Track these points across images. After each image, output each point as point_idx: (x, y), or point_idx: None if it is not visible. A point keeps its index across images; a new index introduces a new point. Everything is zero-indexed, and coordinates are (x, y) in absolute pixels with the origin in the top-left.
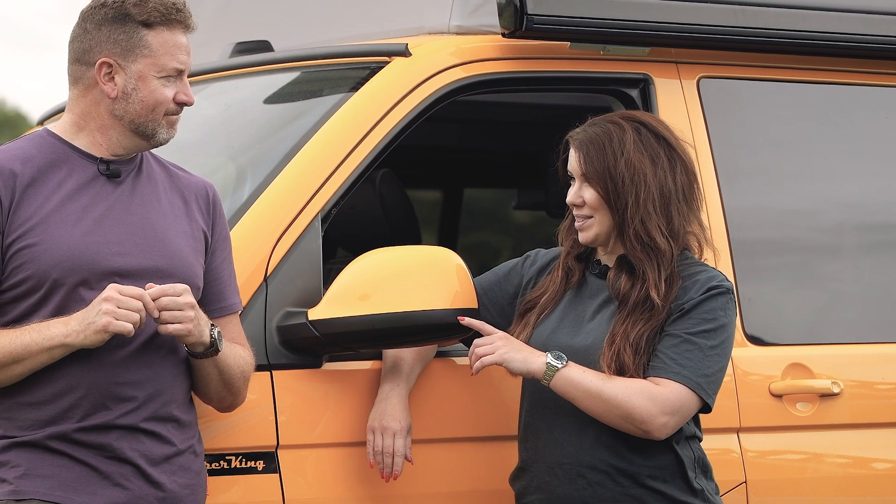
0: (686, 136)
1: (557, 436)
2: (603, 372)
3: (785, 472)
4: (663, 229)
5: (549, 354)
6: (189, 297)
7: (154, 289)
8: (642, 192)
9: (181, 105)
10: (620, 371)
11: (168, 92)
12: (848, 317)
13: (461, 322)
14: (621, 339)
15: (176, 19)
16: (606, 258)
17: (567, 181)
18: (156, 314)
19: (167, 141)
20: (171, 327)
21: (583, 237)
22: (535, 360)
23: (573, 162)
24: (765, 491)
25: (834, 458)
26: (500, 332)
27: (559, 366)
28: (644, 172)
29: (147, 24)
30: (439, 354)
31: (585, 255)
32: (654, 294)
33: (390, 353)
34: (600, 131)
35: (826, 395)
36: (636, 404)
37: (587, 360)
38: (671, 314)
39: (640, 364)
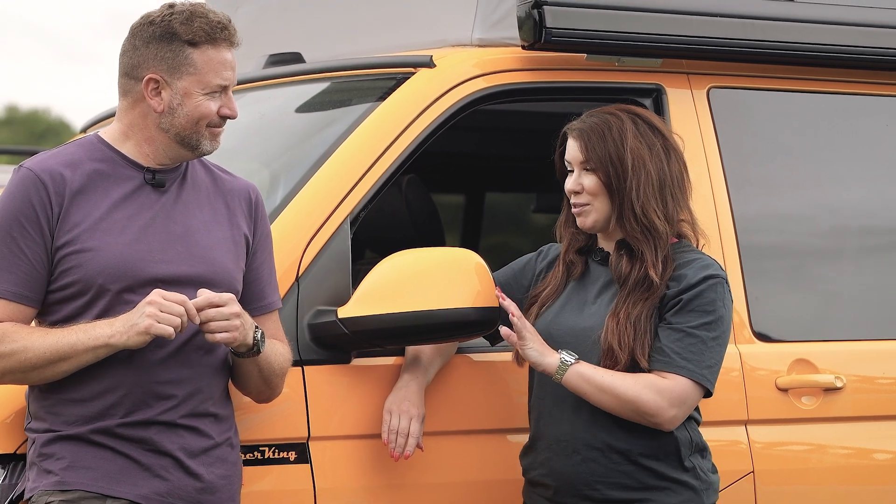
0: (697, 144)
1: (557, 414)
2: (602, 348)
3: (791, 462)
4: (660, 213)
5: (562, 352)
6: (235, 307)
7: (200, 298)
8: (642, 177)
9: (225, 118)
10: (620, 346)
11: (212, 106)
12: (850, 315)
13: (499, 298)
14: (624, 319)
15: (221, 38)
16: (606, 245)
17: (564, 172)
18: (197, 320)
19: (211, 152)
20: (217, 336)
21: (581, 222)
22: (550, 356)
23: (572, 151)
24: (771, 480)
25: (837, 450)
26: (529, 325)
27: (571, 361)
28: (643, 159)
29: (192, 43)
30: (458, 351)
31: (586, 249)
32: (652, 273)
33: (412, 348)
34: (599, 121)
35: (829, 390)
36: (646, 399)
37: (590, 339)
38: (669, 300)
39: (640, 341)
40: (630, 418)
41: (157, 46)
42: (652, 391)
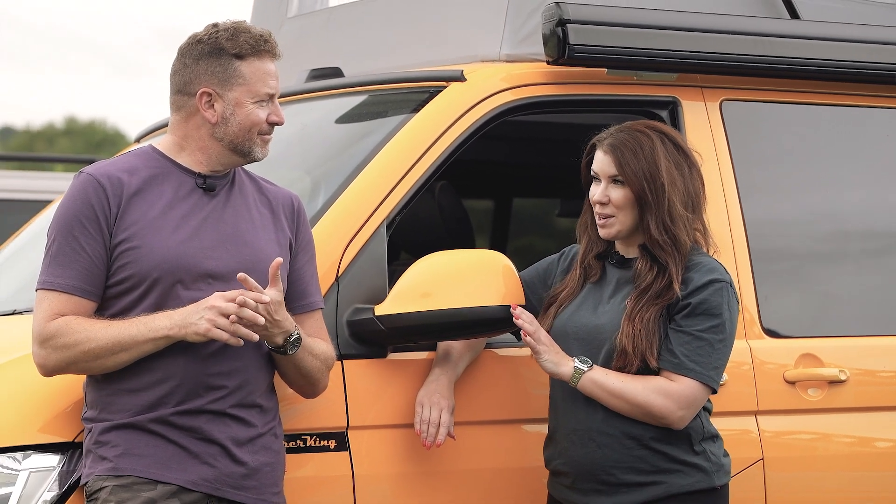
0: (710, 153)
1: (573, 407)
2: (616, 349)
3: (798, 450)
4: (685, 226)
5: (576, 360)
6: (281, 312)
7: (241, 298)
8: (673, 194)
9: (273, 125)
10: (634, 350)
11: (262, 114)
12: (853, 313)
13: (513, 314)
14: (639, 323)
15: (265, 49)
16: (623, 250)
17: (589, 181)
18: (261, 321)
19: (262, 158)
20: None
21: (604, 233)
22: (565, 365)
23: (603, 164)
24: (780, 467)
25: (841, 438)
26: (544, 336)
27: (585, 369)
28: (673, 176)
29: (239, 56)
30: (486, 346)
31: (604, 255)
32: (675, 286)
33: (442, 344)
34: (630, 138)
35: (834, 382)
36: (655, 403)
37: (603, 335)
38: (678, 302)
39: (650, 344)
40: (641, 419)
41: (207, 62)
42: (661, 395)
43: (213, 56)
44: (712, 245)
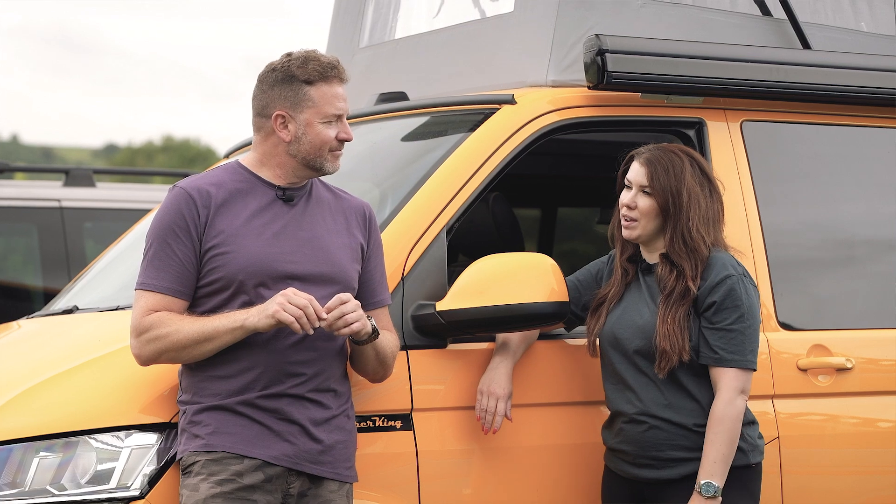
0: (732, 168)
1: (628, 396)
2: (658, 351)
3: (809, 429)
4: (704, 238)
5: (700, 485)
6: (354, 301)
7: (332, 300)
8: (694, 211)
9: (342, 142)
10: (672, 348)
11: (331, 132)
12: (858, 308)
13: None
14: (671, 322)
15: (332, 75)
16: (647, 255)
17: (622, 187)
18: (317, 324)
19: (333, 172)
20: (346, 329)
21: (626, 234)
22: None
23: (637, 174)
24: (793, 444)
25: (847, 419)
26: None
27: (714, 488)
28: (697, 195)
29: (309, 82)
30: (542, 337)
31: (635, 258)
32: (691, 284)
33: (501, 335)
34: (664, 156)
35: (841, 370)
36: (733, 420)
37: (642, 336)
38: (702, 300)
39: (684, 339)
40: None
41: (281, 88)
42: (729, 409)
43: (285, 82)
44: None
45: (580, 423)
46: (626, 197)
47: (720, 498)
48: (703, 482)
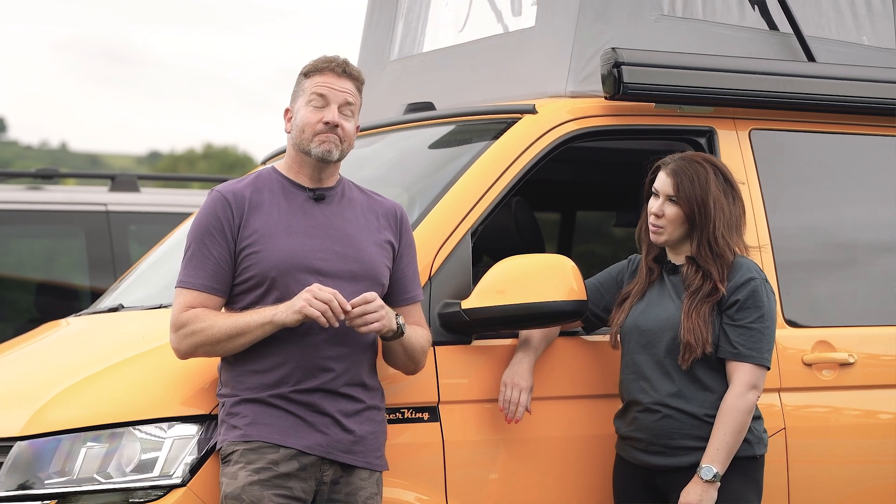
0: (740, 174)
1: (643, 386)
2: (682, 344)
3: (814, 420)
4: (728, 243)
5: (700, 471)
6: (379, 301)
7: (356, 298)
8: (719, 218)
9: (328, 125)
10: (696, 341)
11: (313, 115)
12: (860, 307)
13: None
14: (695, 317)
15: (326, 67)
16: (674, 258)
17: (649, 195)
18: (342, 316)
19: (322, 156)
20: (365, 328)
21: (654, 239)
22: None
23: (663, 183)
24: (799, 435)
25: (850, 411)
26: None
27: (713, 473)
28: (722, 204)
29: (306, 75)
30: (561, 334)
31: (660, 259)
32: (720, 286)
33: (524, 332)
34: (688, 166)
35: (844, 364)
36: (746, 411)
37: (665, 329)
38: (726, 299)
39: (707, 333)
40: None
41: (294, 88)
42: (744, 400)
43: (297, 82)
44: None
45: (597, 414)
46: (653, 205)
47: (718, 484)
48: (704, 466)
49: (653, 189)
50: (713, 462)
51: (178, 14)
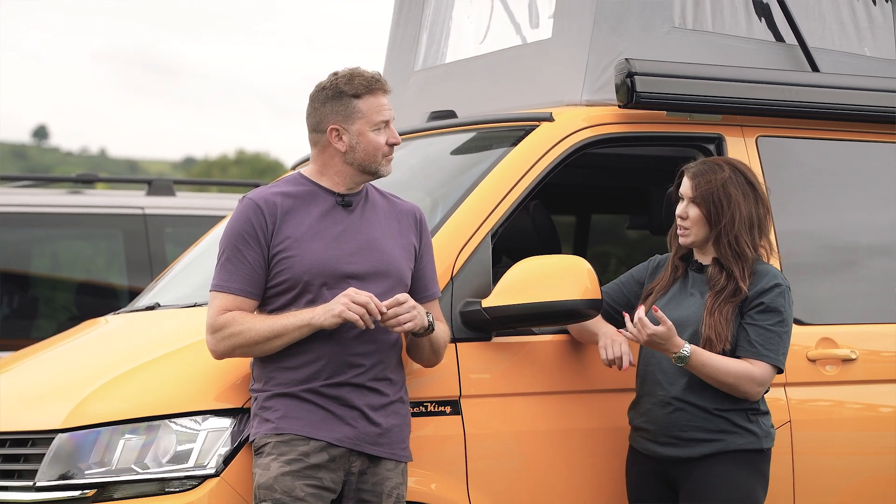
0: None
1: (658, 378)
2: (703, 338)
3: (817, 414)
4: (748, 243)
5: (686, 345)
6: (410, 302)
7: (390, 300)
8: (737, 217)
9: (392, 146)
10: (717, 338)
11: (381, 139)
12: (862, 305)
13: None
14: (718, 315)
15: (376, 87)
16: (701, 258)
17: (677, 200)
18: (383, 309)
19: (388, 174)
20: (398, 328)
21: (681, 241)
22: (677, 343)
23: (685, 187)
24: (803, 427)
25: (852, 405)
26: (660, 329)
27: (687, 354)
28: (739, 203)
29: (356, 96)
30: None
31: (686, 258)
32: (742, 285)
33: (587, 322)
34: (708, 169)
35: (847, 360)
36: (743, 385)
37: (686, 324)
38: (750, 301)
39: (728, 332)
40: (726, 391)
41: (332, 105)
42: (746, 379)
43: (335, 99)
44: (773, 258)
45: (613, 408)
46: (679, 208)
47: (686, 362)
48: (687, 347)
49: (679, 193)
50: (694, 352)
51: (213, 25)
